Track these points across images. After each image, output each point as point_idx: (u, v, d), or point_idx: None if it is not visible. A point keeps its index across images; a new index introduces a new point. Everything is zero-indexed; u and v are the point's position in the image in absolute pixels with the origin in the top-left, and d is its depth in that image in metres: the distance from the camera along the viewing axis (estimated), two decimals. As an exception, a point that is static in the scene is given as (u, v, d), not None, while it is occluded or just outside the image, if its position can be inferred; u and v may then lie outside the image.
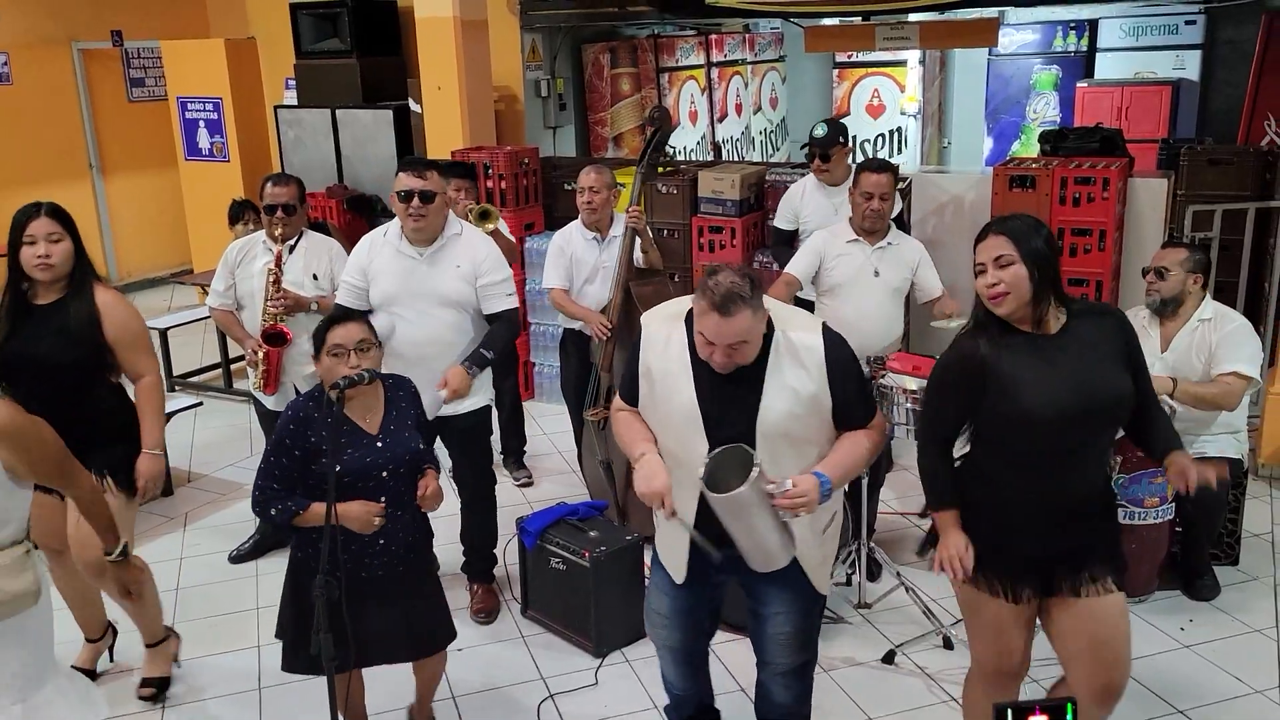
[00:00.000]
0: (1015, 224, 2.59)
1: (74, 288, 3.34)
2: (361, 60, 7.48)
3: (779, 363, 2.62)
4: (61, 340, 3.29)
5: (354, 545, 2.94)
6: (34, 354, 3.28)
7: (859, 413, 2.71)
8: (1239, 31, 8.99)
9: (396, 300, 3.85)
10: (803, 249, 4.49)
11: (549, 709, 3.60)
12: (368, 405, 2.99)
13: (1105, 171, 5.33)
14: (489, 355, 3.82)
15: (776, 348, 2.63)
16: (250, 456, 5.77)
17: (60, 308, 3.33)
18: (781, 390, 2.61)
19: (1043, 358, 2.55)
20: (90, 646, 3.78)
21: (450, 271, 3.84)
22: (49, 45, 9.00)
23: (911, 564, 4.46)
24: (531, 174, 6.71)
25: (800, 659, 2.96)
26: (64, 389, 3.30)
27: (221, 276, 4.42)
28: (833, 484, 2.61)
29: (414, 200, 3.74)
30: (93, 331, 3.33)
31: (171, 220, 9.43)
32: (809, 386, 2.62)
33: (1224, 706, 3.51)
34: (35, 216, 3.28)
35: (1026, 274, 2.50)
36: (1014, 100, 10.40)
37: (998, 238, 2.55)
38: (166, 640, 3.77)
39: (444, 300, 3.81)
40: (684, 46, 9.56)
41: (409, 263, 3.84)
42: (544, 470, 5.54)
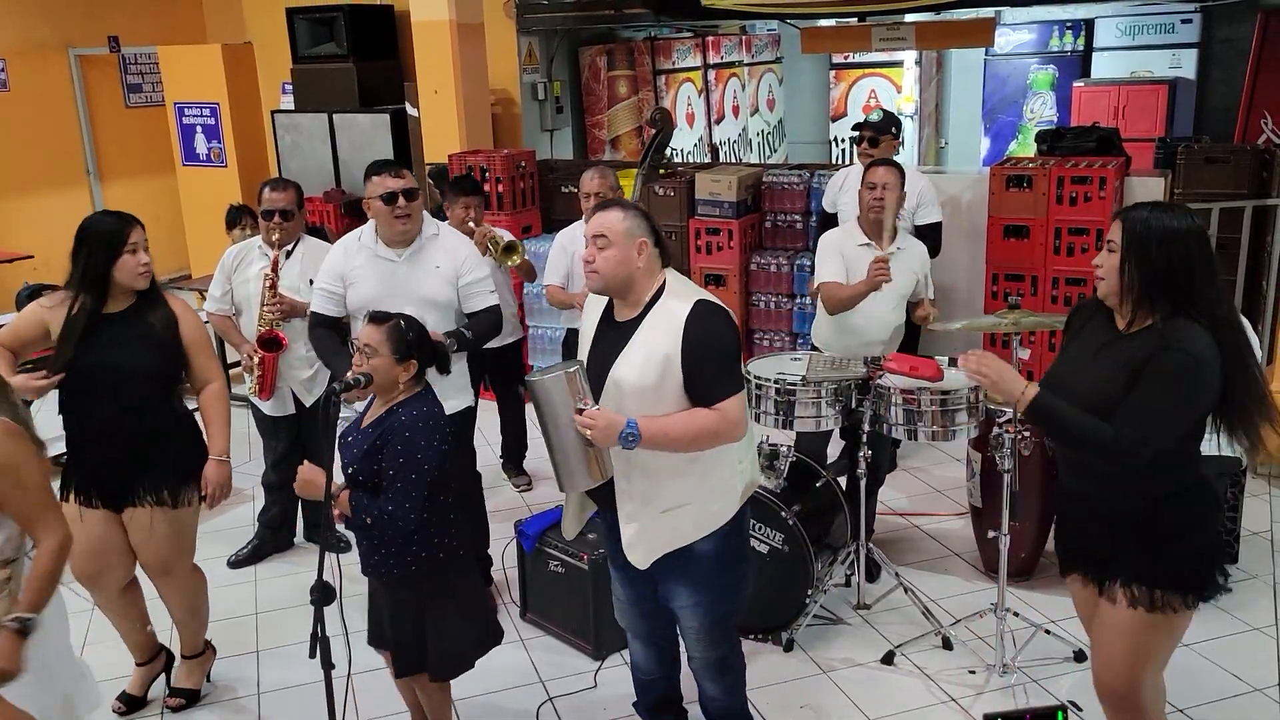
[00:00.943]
0: (1139, 216, 2.51)
1: (147, 295, 3.34)
2: (358, 65, 7.49)
3: (649, 324, 2.78)
4: (144, 346, 3.29)
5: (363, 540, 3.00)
6: (115, 363, 3.25)
7: (709, 390, 2.72)
8: (1235, 30, 8.99)
9: (377, 304, 3.76)
10: (823, 254, 4.39)
11: (548, 712, 3.60)
12: (376, 407, 3.01)
13: (1102, 171, 5.33)
14: (467, 335, 3.79)
15: (654, 311, 2.78)
16: (249, 462, 5.77)
17: (137, 315, 3.32)
18: (641, 348, 2.76)
19: (1096, 349, 2.58)
20: (140, 671, 3.71)
21: (431, 273, 3.82)
22: (46, 51, 9.00)
23: (910, 564, 4.46)
24: (528, 177, 6.71)
25: (715, 652, 3.04)
26: (139, 398, 3.30)
27: (218, 282, 4.43)
28: (640, 436, 2.65)
29: (399, 200, 3.72)
30: (173, 336, 3.35)
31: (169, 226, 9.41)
32: (663, 348, 2.72)
33: (1224, 705, 3.50)
34: (134, 225, 3.29)
35: (1120, 266, 2.49)
36: (1011, 100, 10.40)
37: (1115, 222, 2.55)
38: (204, 654, 3.76)
39: (425, 301, 3.76)
40: (681, 48, 9.56)
41: (388, 266, 3.81)
42: (543, 473, 5.53)
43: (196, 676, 3.73)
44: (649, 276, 2.81)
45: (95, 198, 9.50)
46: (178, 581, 3.56)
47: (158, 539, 3.43)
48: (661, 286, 2.82)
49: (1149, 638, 2.61)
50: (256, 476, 5.00)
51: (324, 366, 4.47)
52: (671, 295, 2.81)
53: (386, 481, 2.87)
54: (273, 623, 4.22)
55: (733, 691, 3.15)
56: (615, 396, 2.76)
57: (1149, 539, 2.58)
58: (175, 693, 3.69)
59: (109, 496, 3.38)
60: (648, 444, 2.68)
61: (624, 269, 2.77)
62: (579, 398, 2.67)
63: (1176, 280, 2.45)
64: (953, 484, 5.21)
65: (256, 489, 5.02)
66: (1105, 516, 2.63)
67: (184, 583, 3.59)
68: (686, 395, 2.74)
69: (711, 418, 2.72)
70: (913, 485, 5.30)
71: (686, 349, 2.70)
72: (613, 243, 2.76)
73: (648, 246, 2.79)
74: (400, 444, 2.87)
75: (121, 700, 3.66)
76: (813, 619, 3.94)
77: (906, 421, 3.83)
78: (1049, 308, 5.38)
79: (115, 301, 3.32)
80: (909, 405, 3.81)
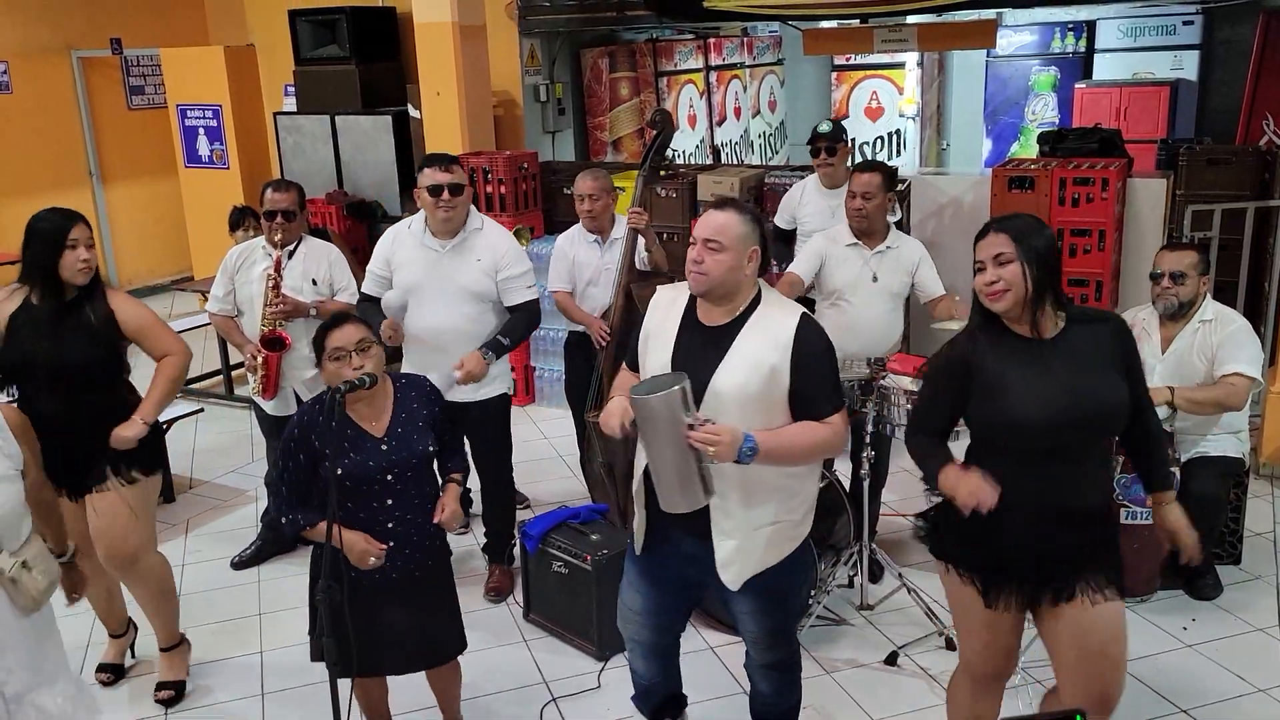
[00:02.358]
0: (1016, 223, 2.58)
1: (87, 290, 3.41)
2: (360, 66, 7.50)
3: (750, 332, 2.69)
4: (79, 339, 3.35)
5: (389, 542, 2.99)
6: (48, 354, 3.34)
7: (820, 403, 2.67)
8: (1236, 31, 8.99)
9: (418, 290, 4.03)
10: (805, 250, 4.49)
11: (552, 712, 3.60)
12: (376, 407, 2.98)
13: (1104, 172, 5.33)
14: (506, 342, 4.01)
15: (754, 319, 2.71)
16: (252, 463, 5.78)
17: (73, 309, 3.38)
18: (744, 356, 2.67)
19: (1036, 362, 2.54)
20: (115, 642, 3.88)
21: (471, 264, 4.01)
22: (48, 54, 9.01)
23: (913, 565, 4.46)
24: (530, 178, 6.72)
25: (773, 656, 3.02)
26: (79, 389, 3.38)
27: (221, 282, 4.44)
28: (759, 450, 2.54)
29: (444, 194, 3.92)
30: (110, 329, 3.41)
31: (172, 227, 9.44)
32: (770, 359, 2.65)
33: (1227, 706, 3.50)
34: (76, 222, 3.36)
35: (1023, 272, 2.50)
36: (1012, 102, 10.40)
37: (998, 235, 2.55)
38: (181, 644, 3.81)
39: (465, 292, 3.99)
40: (682, 50, 9.56)
41: (432, 255, 4.02)
42: (545, 474, 5.54)
43: (179, 667, 3.78)
44: (751, 285, 2.74)
45: (98, 200, 9.52)
46: (144, 571, 3.59)
47: (119, 523, 3.47)
48: (758, 295, 2.75)
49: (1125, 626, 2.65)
50: (259, 477, 5.00)
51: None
52: (770, 304, 2.73)
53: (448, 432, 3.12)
54: (276, 624, 4.22)
55: (786, 692, 3.11)
56: (714, 406, 2.63)
57: (1107, 533, 2.66)
58: (163, 686, 3.73)
59: (71, 483, 3.46)
60: (764, 458, 2.58)
61: (734, 275, 2.67)
62: (689, 412, 2.51)
63: (1056, 275, 2.56)
64: (955, 485, 5.20)
65: (260, 490, 5.02)
66: (1081, 520, 2.58)
67: (151, 572, 3.62)
68: (789, 404, 2.68)
69: (825, 431, 2.67)
70: (915, 486, 5.29)
71: (797, 360, 2.64)
72: (727, 248, 2.64)
73: (758, 255, 2.70)
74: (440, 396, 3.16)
75: (104, 671, 3.81)
76: (816, 620, 3.94)
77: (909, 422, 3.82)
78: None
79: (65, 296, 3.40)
80: (913, 406, 3.80)
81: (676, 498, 2.59)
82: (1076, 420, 2.51)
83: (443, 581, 3.15)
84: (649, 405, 2.49)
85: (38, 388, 3.38)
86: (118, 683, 3.81)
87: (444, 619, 3.14)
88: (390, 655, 3.06)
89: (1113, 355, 2.57)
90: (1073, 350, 2.54)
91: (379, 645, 2.99)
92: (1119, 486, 3.87)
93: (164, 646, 3.76)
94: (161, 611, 3.71)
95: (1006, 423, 2.55)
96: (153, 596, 3.66)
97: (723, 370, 2.67)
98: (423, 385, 3.13)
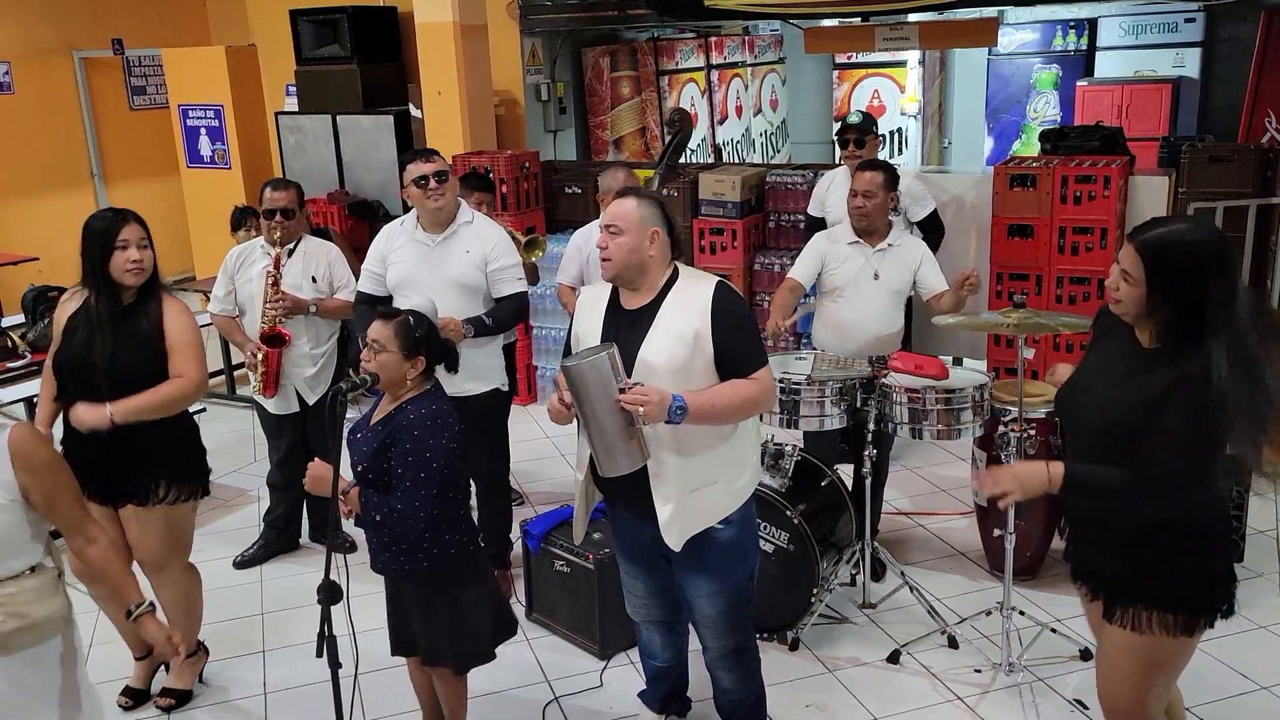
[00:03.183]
0: (1162, 245, 2.36)
1: (143, 293, 3.37)
2: (362, 66, 7.49)
3: (670, 306, 2.83)
4: (129, 344, 3.31)
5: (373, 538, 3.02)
6: (98, 358, 3.29)
7: (744, 363, 2.80)
8: (1238, 29, 8.99)
9: (409, 283, 4.04)
10: (804, 251, 4.49)
11: (554, 711, 3.60)
12: (385, 402, 3.02)
13: (1106, 170, 5.33)
14: (488, 322, 3.99)
15: (672, 295, 2.84)
16: (254, 463, 5.78)
17: (129, 313, 3.35)
18: (668, 328, 2.80)
19: (1115, 363, 2.52)
20: (140, 665, 3.75)
21: (460, 256, 4.03)
22: (50, 54, 9.01)
23: (916, 563, 4.46)
24: (532, 178, 6.72)
25: (730, 642, 3.06)
26: (124, 395, 3.29)
27: (221, 282, 4.44)
28: (688, 409, 2.68)
29: (430, 182, 3.95)
30: (157, 337, 3.35)
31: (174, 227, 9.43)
32: (692, 325, 2.77)
33: (1231, 703, 3.50)
34: (127, 222, 3.31)
35: (1142, 298, 2.39)
36: (1014, 100, 10.39)
37: (1135, 254, 2.38)
38: (196, 654, 3.77)
39: (453, 283, 4.00)
40: (684, 49, 9.56)
41: (423, 249, 4.05)
42: (546, 472, 5.54)
43: (187, 677, 3.74)
44: (661, 265, 2.87)
45: (99, 200, 9.52)
46: (171, 578, 3.58)
47: (152, 536, 3.46)
48: (674, 274, 2.89)
49: (1155, 661, 2.56)
50: (261, 477, 5.01)
51: (328, 364, 4.50)
52: (686, 280, 2.88)
53: (395, 480, 2.88)
54: (279, 622, 4.23)
55: (746, 682, 3.16)
56: (646, 378, 2.77)
57: (1158, 561, 2.49)
58: (166, 693, 3.70)
59: (104, 493, 3.41)
60: (694, 417, 2.71)
61: (636, 256, 2.82)
62: (619, 378, 2.67)
63: (1201, 307, 2.34)
64: (957, 483, 5.21)
65: (262, 489, 5.03)
66: (1115, 537, 2.54)
67: (178, 579, 3.61)
68: (716, 370, 2.80)
69: (753, 387, 2.80)
70: (917, 485, 5.30)
71: (717, 324, 2.77)
72: (625, 230, 2.81)
73: (660, 235, 2.84)
74: (409, 442, 2.87)
75: (126, 695, 3.69)
76: (818, 618, 3.94)
77: (911, 420, 3.83)
78: (1054, 307, 5.37)
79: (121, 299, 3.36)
80: (914, 404, 3.81)
81: (615, 461, 2.73)
82: (1084, 424, 2.53)
83: (441, 590, 3.04)
84: (580, 371, 2.66)
85: (91, 392, 3.30)
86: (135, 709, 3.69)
87: (440, 628, 3.06)
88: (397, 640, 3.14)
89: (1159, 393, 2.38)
90: (1146, 369, 2.43)
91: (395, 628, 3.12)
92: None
93: None
94: (181, 621, 3.65)
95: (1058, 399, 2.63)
96: (174, 603, 3.61)
97: (648, 344, 2.80)
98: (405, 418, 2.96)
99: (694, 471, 2.85)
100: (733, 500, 2.93)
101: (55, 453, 2.60)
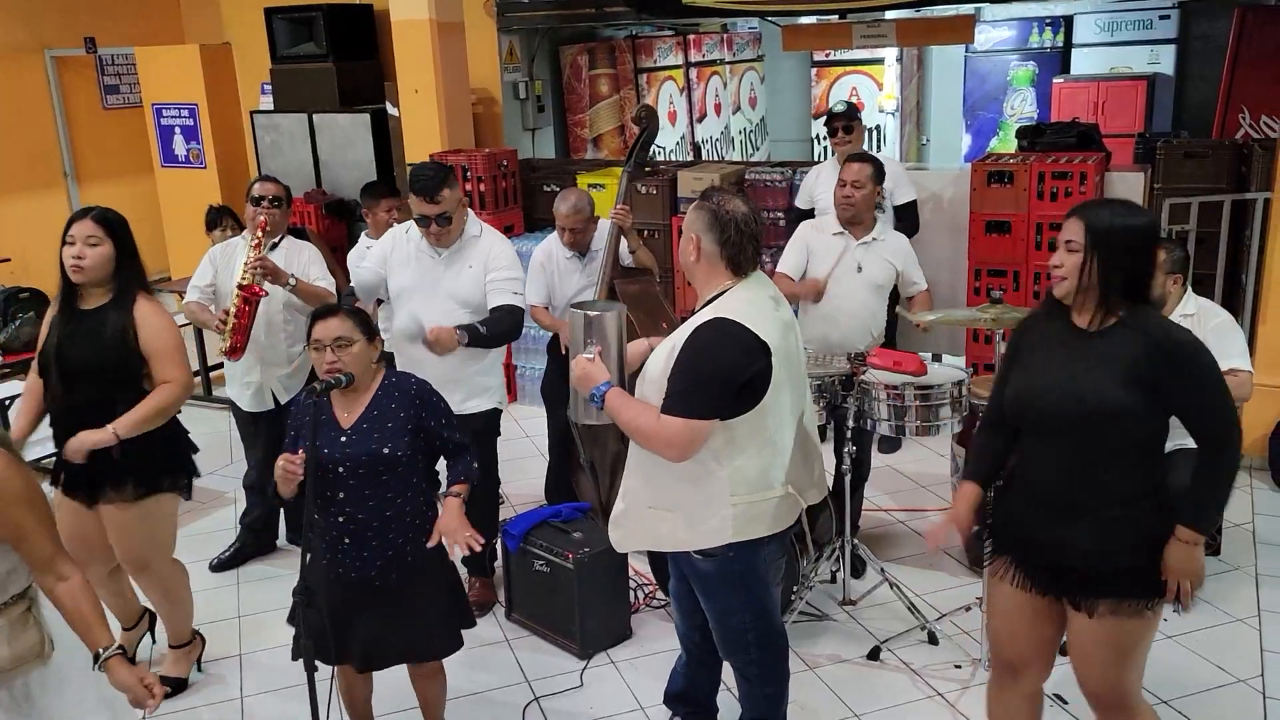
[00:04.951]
0: (1101, 213, 2.51)
1: (116, 296, 3.36)
2: (338, 64, 7.43)
3: (688, 323, 2.78)
4: (94, 345, 3.31)
5: (325, 542, 2.93)
6: (69, 356, 3.32)
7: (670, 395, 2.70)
8: (1212, 26, 9.05)
9: (410, 295, 3.97)
10: (790, 243, 4.50)
11: (534, 712, 3.58)
12: (351, 400, 2.97)
13: (1082, 165, 5.35)
14: (483, 330, 3.83)
15: (699, 314, 2.77)
16: (230, 464, 5.73)
17: (101, 314, 3.35)
18: (670, 341, 2.81)
19: (1067, 351, 2.54)
20: (125, 634, 3.82)
21: (465, 272, 3.95)
22: (21, 53, 8.90)
23: (896, 560, 4.47)
24: (510, 176, 6.69)
25: (732, 660, 3.06)
26: (93, 395, 3.33)
27: (204, 273, 4.38)
28: (604, 402, 2.78)
29: (431, 225, 3.87)
30: (124, 340, 3.32)
31: (149, 228, 9.31)
32: (671, 351, 2.75)
33: (1207, 696, 3.52)
34: (80, 219, 3.32)
35: (1083, 264, 2.47)
36: (991, 97, 10.44)
37: (1073, 221, 2.52)
38: (192, 643, 3.81)
39: (455, 299, 3.92)
40: (662, 47, 9.55)
41: (428, 261, 3.98)
42: (526, 472, 5.51)
43: (183, 665, 3.77)
44: (708, 275, 2.79)
45: (73, 200, 9.41)
46: (155, 576, 3.57)
47: (130, 536, 3.44)
48: (725, 290, 2.77)
49: (1133, 643, 2.59)
50: (237, 479, 4.97)
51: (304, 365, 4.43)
52: (716, 303, 2.74)
53: (451, 443, 3.05)
54: (256, 626, 4.19)
55: (748, 700, 3.12)
56: (643, 377, 2.86)
57: (1136, 543, 2.53)
58: (163, 681, 3.65)
59: (81, 490, 3.40)
60: (608, 410, 2.80)
61: (683, 260, 2.85)
62: (589, 343, 2.85)
63: (1139, 278, 2.49)
64: (937, 479, 5.22)
65: (238, 492, 4.99)
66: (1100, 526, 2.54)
67: (162, 578, 3.60)
68: None
69: (650, 420, 2.71)
70: (897, 481, 5.31)
71: (680, 354, 2.70)
72: (683, 234, 2.84)
73: (699, 243, 2.76)
74: (431, 394, 3.05)
75: None
76: (798, 615, 3.94)
77: (891, 416, 3.83)
78: (1031, 302, 5.39)
79: (90, 298, 3.36)
80: (893, 400, 3.81)
81: (577, 408, 2.95)
82: (1066, 414, 2.51)
83: (414, 593, 3.00)
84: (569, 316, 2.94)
85: (53, 388, 3.37)
86: None
87: (416, 630, 3.02)
88: (355, 649, 3.01)
89: (1137, 367, 2.45)
90: (1103, 350, 2.49)
91: (347, 637, 2.97)
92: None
93: (173, 644, 3.78)
94: (170, 616, 3.71)
95: (1011, 398, 2.61)
96: (160, 601, 3.66)
97: (658, 350, 2.84)
98: (408, 386, 3.03)
99: (650, 490, 2.86)
100: (692, 538, 2.82)
101: (31, 483, 2.38)
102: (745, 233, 2.74)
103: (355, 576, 2.95)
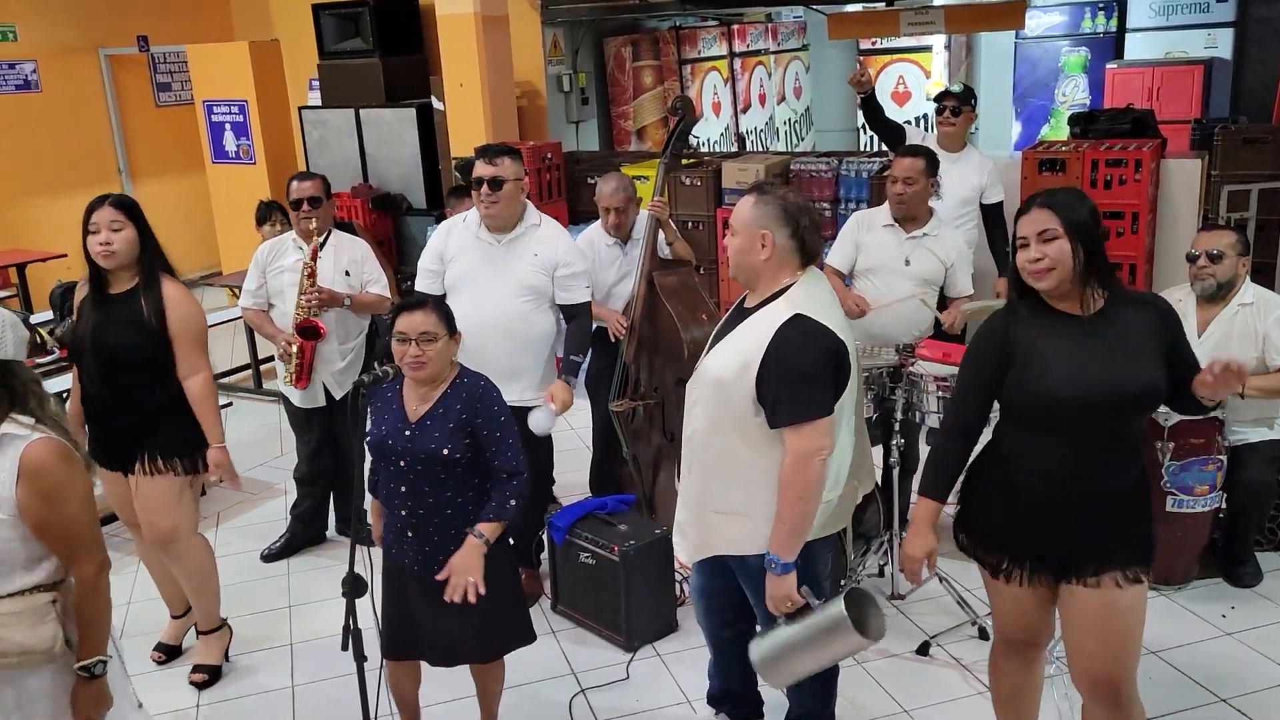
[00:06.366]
0: (1060, 197, 2.51)
1: (144, 279, 3.44)
2: (384, 59, 7.50)
3: (751, 322, 2.68)
4: (130, 330, 3.40)
5: (391, 534, 2.98)
6: (103, 341, 3.41)
7: (776, 406, 2.59)
8: (1271, 9, 8.83)
9: (470, 282, 3.93)
10: (840, 237, 4.43)
11: (580, 704, 3.59)
12: (422, 391, 2.93)
13: (1137, 153, 5.24)
14: (579, 360, 3.91)
15: (763, 311, 2.67)
16: (281, 456, 5.81)
17: (131, 298, 3.43)
18: (734, 343, 2.70)
19: (1076, 338, 2.49)
20: (175, 623, 3.93)
21: (527, 259, 3.90)
22: (76, 52, 9.09)
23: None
24: (554, 169, 6.70)
25: None
26: (129, 377, 3.44)
27: (253, 276, 4.45)
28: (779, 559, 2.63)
29: (484, 187, 3.81)
30: (159, 324, 3.42)
31: (200, 223, 9.50)
32: (746, 354, 2.63)
33: (1267, 695, 3.44)
34: (99, 206, 3.39)
35: (1071, 249, 2.44)
36: (1042, 84, 10.27)
37: (1042, 211, 2.48)
38: (220, 629, 3.86)
39: (517, 286, 3.87)
40: (706, 37, 9.51)
41: (487, 248, 3.92)
42: (571, 464, 5.51)
43: (215, 652, 3.83)
44: (774, 270, 2.68)
45: (127, 196, 9.60)
46: (180, 552, 3.63)
47: (153, 508, 3.52)
48: (788, 286, 2.68)
49: (1140, 615, 2.58)
50: (288, 471, 5.03)
51: (356, 359, 4.50)
52: (786, 299, 2.65)
53: (496, 444, 2.89)
54: (306, 616, 4.24)
55: (796, 695, 3.08)
56: (700, 378, 2.74)
57: (1136, 515, 2.56)
58: (199, 668, 3.79)
59: (113, 462, 3.53)
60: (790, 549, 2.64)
61: (745, 259, 2.69)
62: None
63: (1102, 249, 2.51)
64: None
65: (288, 483, 5.05)
66: (1110, 503, 2.53)
67: (186, 554, 3.65)
68: (755, 405, 2.64)
69: (786, 471, 2.61)
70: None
71: (765, 363, 2.59)
72: (735, 231, 2.70)
73: (771, 239, 2.65)
74: (494, 403, 2.92)
75: (159, 650, 3.89)
76: (846, 609, 3.90)
77: (940, 409, 3.78)
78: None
79: (118, 283, 3.44)
80: (943, 392, 3.76)
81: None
82: (1113, 400, 2.46)
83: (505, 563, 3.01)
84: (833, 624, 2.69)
85: (84, 370, 3.50)
86: (169, 663, 3.87)
87: (470, 625, 2.99)
88: (414, 643, 3.03)
89: (1158, 340, 2.49)
90: (1116, 330, 2.48)
91: (407, 630, 3.00)
92: (1167, 474, 3.80)
93: (202, 630, 3.82)
94: (198, 594, 3.76)
95: (1041, 396, 2.51)
96: (189, 578, 3.72)
97: (718, 351, 2.73)
98: (475, 387, 2.94)
99: (716, 494, 2.75)
100: (750, 541, 2.74)
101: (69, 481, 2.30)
102: (816, 222, 2.72)
103: (418, 571, 2.95)
